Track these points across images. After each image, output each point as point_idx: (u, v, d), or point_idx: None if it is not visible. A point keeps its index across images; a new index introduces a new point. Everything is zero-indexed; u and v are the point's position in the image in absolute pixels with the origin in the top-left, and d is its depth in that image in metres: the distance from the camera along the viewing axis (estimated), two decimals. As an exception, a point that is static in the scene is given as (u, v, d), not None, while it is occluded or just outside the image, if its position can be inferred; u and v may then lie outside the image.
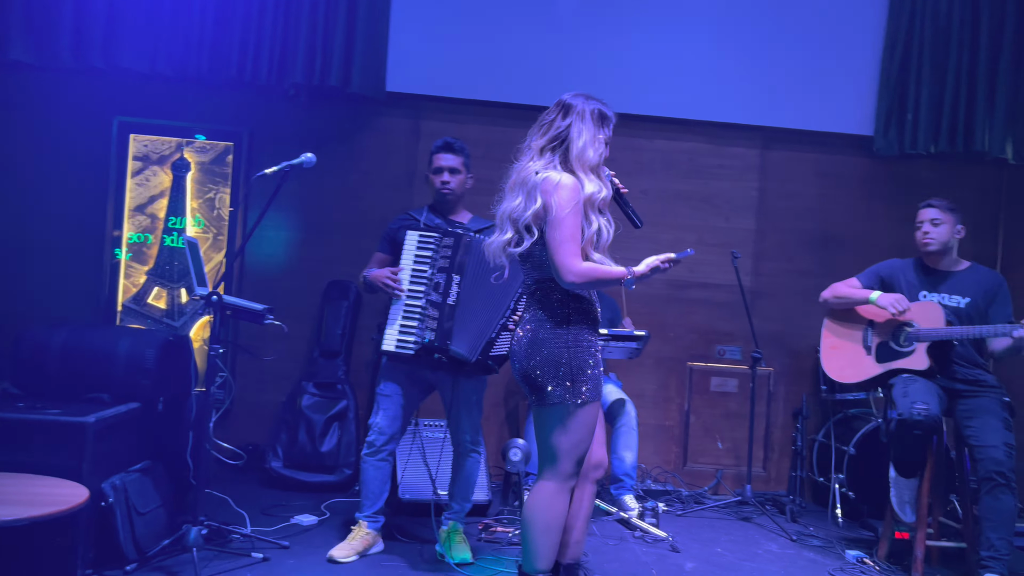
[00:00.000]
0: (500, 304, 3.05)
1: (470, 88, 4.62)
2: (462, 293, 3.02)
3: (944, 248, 3.49)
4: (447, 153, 3.26)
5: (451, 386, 3.18)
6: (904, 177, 4.78)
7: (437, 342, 3.00)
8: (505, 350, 3.09)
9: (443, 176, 3.25)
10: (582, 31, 4.63)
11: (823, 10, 4.72)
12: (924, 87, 4.59)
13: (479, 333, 3.03)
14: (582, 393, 2.38)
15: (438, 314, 3.02)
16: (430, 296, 3.04)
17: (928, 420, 3.16)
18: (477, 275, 3.04)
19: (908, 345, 3.48)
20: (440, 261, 3.06)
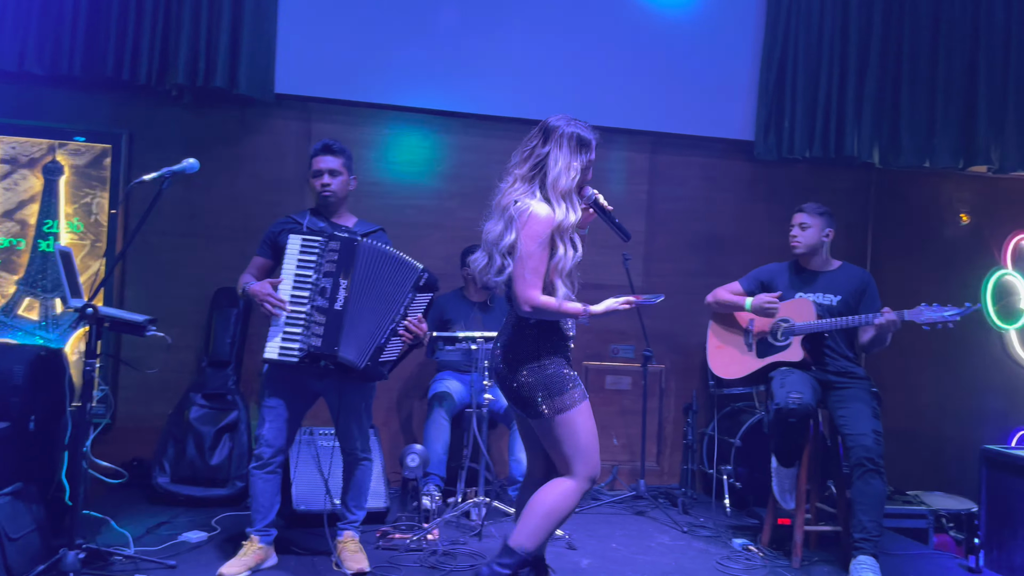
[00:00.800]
0: (390, 309, 3.02)
1: (363, 91, 4.58)
2: (350, 298, 2.97)
3: (811, 250, 3.70)
4: (326, 155, 3.18)
5: (338, 394, 3.11)
6: (783, 180, 5.03)
7: (324, 349, 2.95)
8: (395, 356, 3.07)
9: (323, 179, 3.16)
10: (469, 35, 4.66)
11: (706, 21, 4.92)
12: (799, 96, 4.85)
13: (368, 339, 3.00)
14: (566, 404, 2.48)
15: (324, 320, 2.96)
16: (316, 302, 2.97)
17: (802, 408, 3.34)
18: (366, 280, 3.00)
19: (784, 339, 3.66)
20: (326, 265, 2.99)
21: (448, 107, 4.66)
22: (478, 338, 3.68)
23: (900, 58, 4.89)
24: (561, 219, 2.46)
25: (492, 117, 4.74)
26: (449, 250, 4.62)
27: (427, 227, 4.68)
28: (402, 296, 3.02)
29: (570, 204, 2.50)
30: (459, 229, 4.68)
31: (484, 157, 4.78)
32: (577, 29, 4.78)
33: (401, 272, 3.05)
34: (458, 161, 4.76)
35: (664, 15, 4.87)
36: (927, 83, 4.90)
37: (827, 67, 4.85)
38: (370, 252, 3.02)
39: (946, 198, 5.23)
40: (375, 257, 3.02)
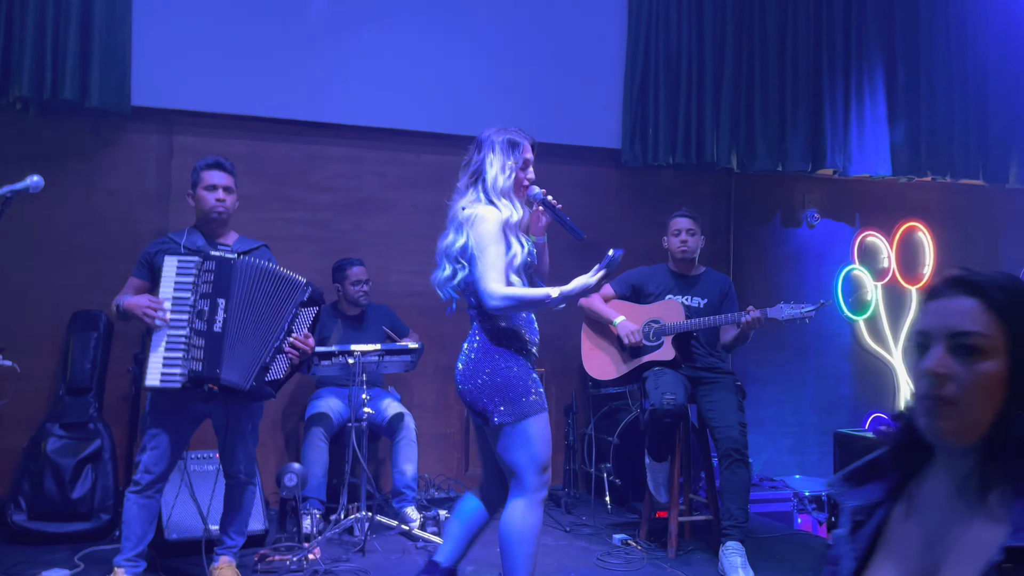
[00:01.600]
0: (273, 327, 2.96)
1: (227, 102, 4.44)
2: (229, 318, 2.89)
3: (695, 256, 3.89)
4: (219, 171, 3.09)
5: (224, 416, 3.02)
6: (650, 186, 5.24)
7: (205, 372, 2.85)
8: (282, 374, 3.00)
9: (218, 194, 3.06)
10: (336, 44, 4.60)
11: (572, 33, 5.06)
12: (662, 105, 5.07)
13: (251, 359, 2.92)
14: (523, 411, 2.47)
15: (204, 342, 2.87)
16: (194, 324, 2.88)
17: (676, 408, 3.50)
18: (245, 298, 2.93)
19: (656, 340, 3.82)
20: (203, 287, 2.90)
21: (317, 118, 4.59)
22: (354, 351, 3.64)
23: (752, 69, 5.19)
24: (507, 216, 2.52)
25: (364, 128, 4.70)
26: (324, 264, 4.54)
27: (299, 240, 4.59)
28: (286, 312, 2.97)
29: (511, 201, 2.58)
30: (333, 241, 4.63)
31: (357, 167, 4.75)
32: (449, 40, 4.81)
33: (284, 288, 3.00)
34: (330, 172, 4.70)
35: (533, 29, 4.98)
36: (777, 92, 5.23)
37: (686, 77, 5.09)
38: (248, 270, 2.95)
39: (798, 199, 5.58)
40: (254, 275, 2.95)
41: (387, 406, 4.10)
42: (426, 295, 4.86)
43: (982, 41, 5.59)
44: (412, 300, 4.80)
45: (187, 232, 3.12)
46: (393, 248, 4.78)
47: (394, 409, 4.09)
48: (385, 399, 4.17)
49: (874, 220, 5.69)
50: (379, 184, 4.77)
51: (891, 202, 5.73)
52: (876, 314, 5.69)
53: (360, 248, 4.63)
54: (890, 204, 5.72)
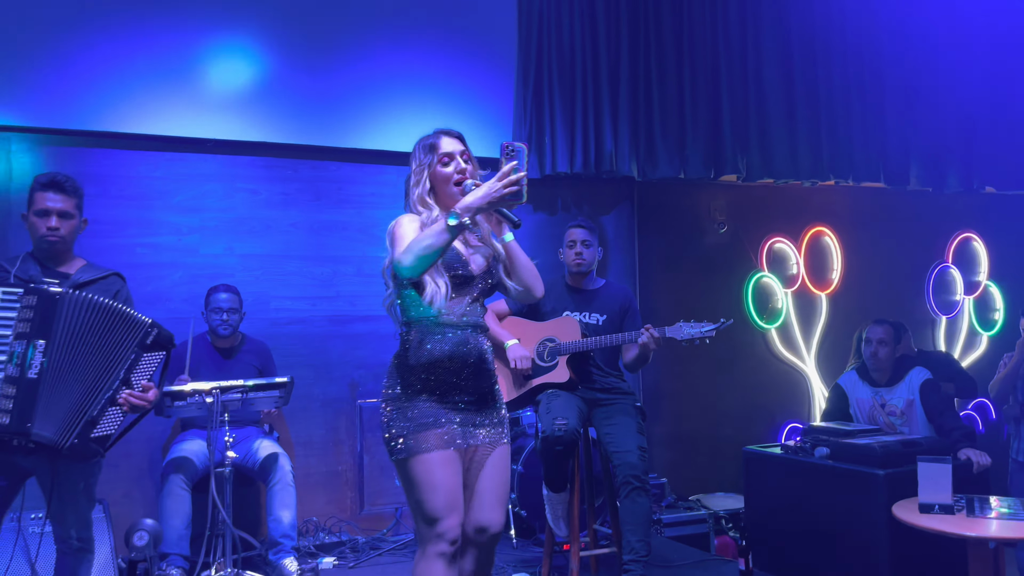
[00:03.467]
0: (105, 373, 2.55)
1: (72, 117, 4.01)
2: (49, 363, 2.48)
3: (591, 268, 3.63)
4: (56, 192, 2.65)
5: (50, 472, 2.60)
6: (548, 197, 5.00)
7: (13, 427, 2.44)
8: (114, 428, 2.59)
9: (50, 220, 2.64)
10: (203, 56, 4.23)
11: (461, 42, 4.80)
12: (557, 113, 4.83)
13: (73, 411, 2.51)
14: (397, 448, 2.20)
15: (15, 391, 2.45)
16: (7, 370, 2.47)
17: (567, 435, 3.22)
18: (72, 339, 2.51)
19: (551, 360, 3.55)
20: (20, 325, 2.49)
21: (179, 132, 4.20)
22: (212, 389, 3.25)
23: (649, 74, 5.01)
24: (424, 220, 2.25)
25: (233, 142, 4.33)
26: (193, 290, 4.16)
27: (165, 267, 4.18)
28: (123, 357, 2.57)
29: (427, 207, 2.28)
30: (203, 267, 4.24)
31: (228, 186, 4.37)
32: (325, 50, 4.49)
33: (121, 328, 2.58)
34: (198, 192, 4.30)
35: (418, 36, 4.70)
36: (676, 98, 5.06)
37: (581, 84, 4.88)
38: (76, 306, 2.53)
39: (704, 207, 5.43)
40: (84, 312, 2.53)
41: (259, 447, 3.72)
42: (309, 322, 4.56)
43: (877, 39, 5.55)
44: (294, 328, 4.44)
45: (22, 259, 2.69)
46: (271, 272, 4.41)
47: (267, 450, 3.70)
48: (258, 440, 3.78)
49: (781, 226, 5.57)
50: (252, 203, 4.39)
51: (797, 207, 5.63)
52: (787, 322, 5.56)
53: (234, 273, 4.25)
54: (796, 209, 5.62)
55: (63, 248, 2.71)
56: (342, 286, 4.58)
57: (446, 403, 2.22)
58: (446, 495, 2.15)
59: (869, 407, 3.97)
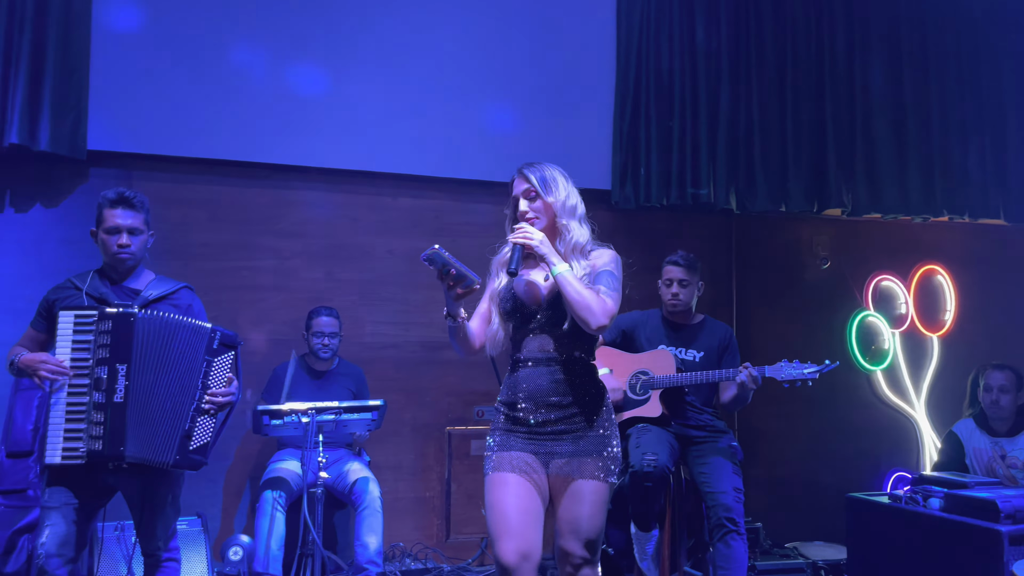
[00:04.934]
0: (188, 386, 2.63)
1: (190, 145, 4.22)
2: (132, 386, 2.56)
3: (689, 307, 3.55)
4: (125, 209, 2.72)
5: (138, 487, 2.67)
6: (643, 229, 4.93)
7: (107, 451, 2.53)
8: (209, 436, 2.67)
9: (121, 237, 2.71)
10: (307, 86, 4.39)
11: (559, 70, 4.82)
12: (653, 143, 4.79)
13: (167, 430, 2.59)
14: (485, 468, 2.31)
15: (103, 417, 2.54)
16: (93, 396, 2.55)
17: (657, 471, 3.13)
18: (149, 359, 2.59)
19: (643, 393, 3.47)
20: (100, 351, 2.56)
21: (285, 160, 4.36)
22: (307, 410, 3.31)
23: (750, 105, 4.91)
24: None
25: (336, 171, 4.47)
26: (293, 314, 4.27)
27: (267, 290, 4.32)
28: (197, 366, 2.64)
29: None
30: (302, 291, 4.36)
31: (329, 213, 4.50)
32: (425, 81, 4.59)
33: (191, 339, 2.65)
34: (300, 218, 4.44)
35: (516, 67, 4.75)
36: (777, 128, 4.93)
37: (679, 115, 4.81)
38: (150, 325, 2.61)
39: (805, 242, 5.24)
40: (157, 330, 2.61)
41: (350, 470, 3.76)
42: (403, 347, 4.61)
43: (998, 65, 5.27)
44: (388, 352, 4.50)
45: (92, 275, 2.77)
46: (367, 297, 4.49)
47: (358, 473, 3.74)
48: (350, 462, 3.83)
49: (888, 263, 5.31)
50: (352, 230, 4.50)
51: (906, 243, 5.36)
52: (895, 364, 5.27)
53: (332, 297, 4.36)
54: (905, 245, 5.35)
55: (134, 264, 2.78)
56: (436, 313, 4.59)
57: (520, 431, 2.27)
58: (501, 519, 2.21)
59: (988, 458, 3.71)
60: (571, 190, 2.40)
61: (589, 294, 2.22)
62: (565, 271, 2.25)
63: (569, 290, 2.23)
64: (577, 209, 2.39)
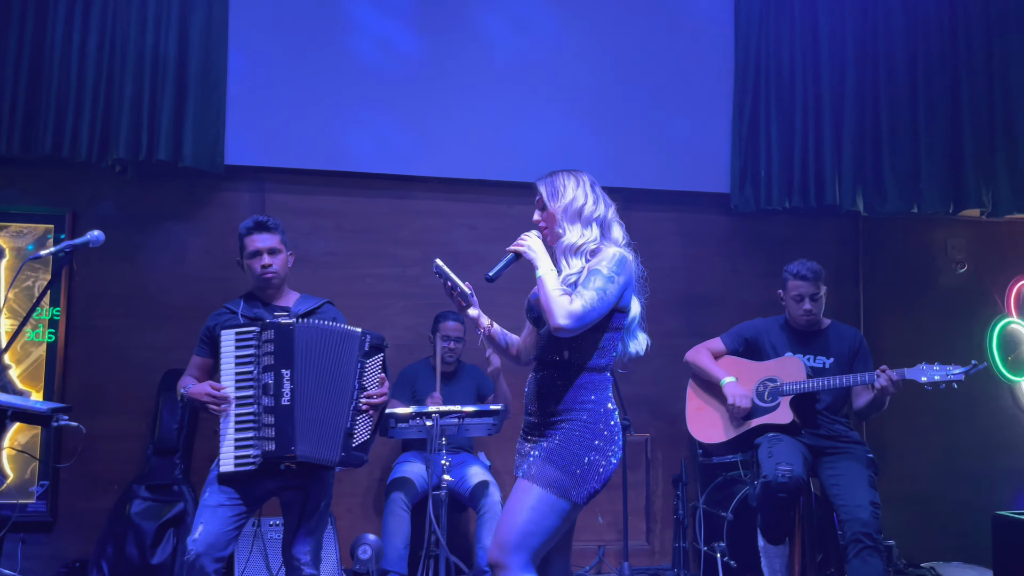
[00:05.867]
0: (345, 388, 2.75)
1: (317, 158, 4.40)
2: (297, 389, 2.69)
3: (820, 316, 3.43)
4: (262, 233, 2.91)
5: (298, 492, 2.79)
6: (763, 233, 4.79)
7: (279, 451, 2.66)
8: (368, 434, 2.79)
9: (263, 259, 2.89)
10: (428, 97, 4.50)
11: (676, 75, 4.75)
12: (774, 144, 4.65)
13: (331, 429, 2.71)
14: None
15: (274, 419, 2.67)
16: (262, 401, 2.70)
17: (792, 482, 3.02)
18: (309, 364, 2.73)
19: (772, 400, 3.36)
20: (264, 359, 2.72)
21: (407, 171, 4.48)
22: (432, 413, 3.38)
23: (878, 103, 4.70)
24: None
25: (455, 180, 4.56)
26: (414, 319, 4.38)
27: (389, 296, 4.45)
28: (352, 368, 2.77)
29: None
30: (424, 297, 4.45)
31: (448, 222, 4.59)
32: (541, 85, 4.62)
33: (344, 344, 2.79)
34: (421, 227, 4.55)
35: (631, 69, 4.72)
36: (908, 127, 4.69)
37: (801, 114, 4.66)
38: (308, 333, 2.75)
39: (940, 244, 4.96)
40: (314, 337, 2.75)
41: (472, 474, 3.81)
42: (520, 353, 4.64)
43: None
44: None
45: (243, 300, 2.97)
46: (484, 304, 4.48)
47: (479, 477, 3.78)
48: (472, 466, 3.88)
49: (1033, 266, 4.97)
50: (470, 237, 4.58)
51: (1053, 245, 5.00)
52: (1041, 374, 4.92)
53: (450, 304, 4.41)
54: (1052, 247, 4.99)
55: (279, 282, 2.95)
56: (551, 319, 4.63)
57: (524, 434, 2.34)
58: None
59: None
60: (580, 193, 2.34)
61: (555, 296, 2.17)
62: (544, 274, 2.24)
63: (540, 293, 2.22)
64: (583, 211, 2.31)
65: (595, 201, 2.35)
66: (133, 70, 4.04)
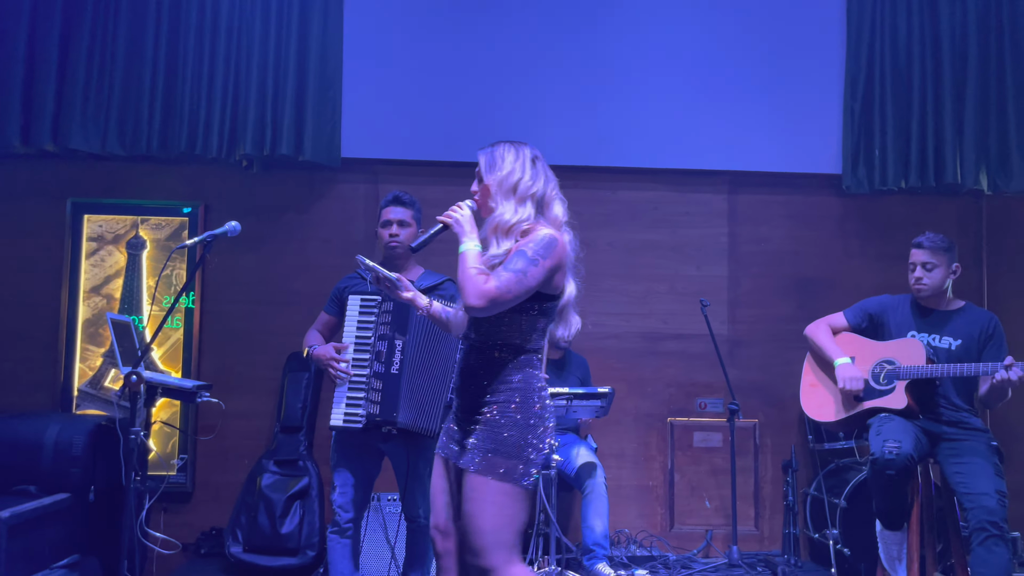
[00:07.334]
0: (449, 363, 2.91)
1: (429, 149, 4.56)
2: (406, 360, 2.88)
3: (937, 292, 3.32)
4: (396, 206, 3.18)
5: (405, 456, 3.01)
6: (877, 214, 4.64)
7: (382, 416, 2.86)
8: None
9: (391, 229, 3.14)
10: (538, 85, 4.58)
11: (782, 50, 4.65)
12: (889, 122, 4.49)
13: (431, 401, 2.88)
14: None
15: (382, 385, 2.88)
16: (374, 366, 2.90)
17: (900, 459, 2.96)
18: (422, 337, 2.91)
19: (887, 383, 3.29)
20: (381, 328, 2.92)
21: (512, 160, 4.57)
22: (541, 395, 3.47)
23: (1002, 73, 4.46)
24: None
25: (560, 167, 4.58)
26: (521, 305, 4.47)
27: (499, 283, 4.56)
28: (456, 345, 2.90)
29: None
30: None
31: (556, 208, 4.66)
32: (644, 69, 4.62)
33: None
34: (526, 214, 4.64)
35: (738, 47, 4.65)
36: (1039, 98, 4.45)
37: (919, 89, 4.48)
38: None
39: (1076, 224, 4.68)
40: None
41: (577, 455, 3.89)
42: (624, 337, 4.68)
43: None
44: (610, 343, 4.59)
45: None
46: (589, 289, 4.52)
47: (584, 458, 3.86)
48: (577, 447, 3.96)
49: None
50: (573, 225, 4.62)
51: None
52: None
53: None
54: None
55: (402, 253, 3.15)
56: (655, 304, 4.65)
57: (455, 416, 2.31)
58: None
59: None
60: (518, 167, 2.25)
61: (471, 274, 2.12)
62: (466, 249, 2.18)
63: (459, 269, 2.17)
64: (519, 187, 2.23)
65: (533, 177, 2.27)
66: (258, 72, 4.29)
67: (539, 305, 2.22)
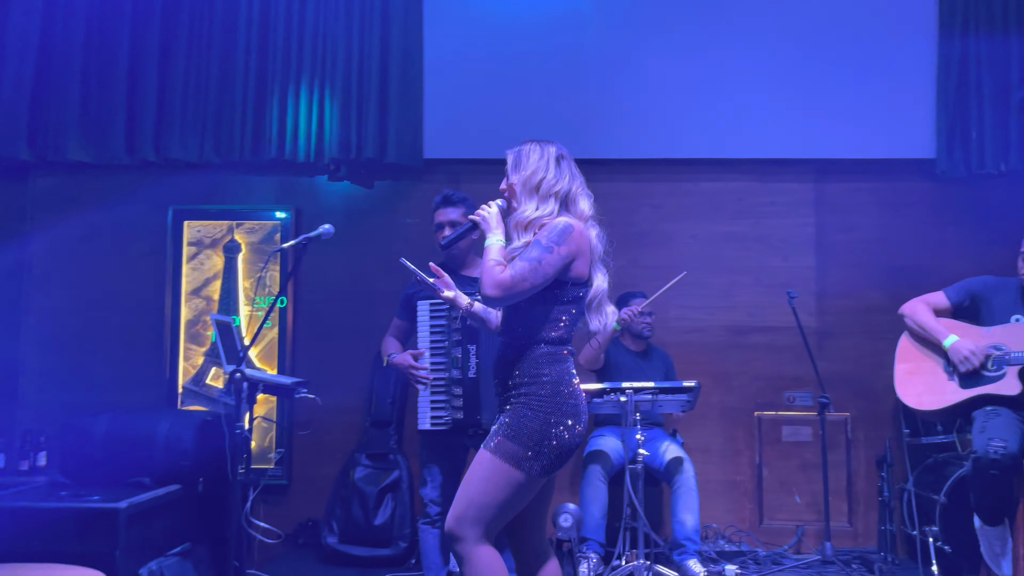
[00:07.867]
0: None
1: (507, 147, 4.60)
2: (481, 363, 2.93)
3: None
4: (446, 207, 3.19)
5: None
6: (974, 200, 4.46)
7: (467, 420, 2.93)
8: None
9: (444, 231, 3.17)
10: (617, 78, 4.57)
11: (869, 35, 4.51)
12: (987, 102, 4.31)
13: None
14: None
15: (461, 391, 2.94)
16: (451, 372, 2.97)
17: (1005, 459, 2.85)
18: (492, 340, 2.95)
19: (996, 369, 3.16)
20: (454, 334, 2.98)
21: (592, 155, 4.55)
22: (626, 389, 3.48)
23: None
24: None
25: (637, 160, 4.61)
26: (602, 300, 4.48)
27: (577, 278, 4.58)
28: None
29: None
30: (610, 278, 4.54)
31: (633, 202, 4.66)
32: (728, 57, 4.55)
33: None
34: (605, 208, 4.52)
35: (822, 33, 4.53)
36: None
37: (1018, 64, 4.28)
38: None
39: None
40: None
41: (665, 449, 3.88)
42: (708, 331, 4.64)
43: None
44: (694, 336, 4.56)
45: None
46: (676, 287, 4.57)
47: (672, 453, 3.85)
48: (664, 442, 3.95)
49: None
50: (655, 217, 4.62)
51: None
52: None
53: (638, 283, 4.48)
54: None
55: (457, 254, 3.17)
56: (739, 296, 4.59)
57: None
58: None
59: None
60: (541, 165, 2.31)
61: (490, 266, 2.17)
62: (489, 244, 2.25)
63: (481, 263, 2.23)
64: (541, 185, 2.28)
65: (557, 175, 2.31)
66: (342, 78, 4.43)
67: (563, 295, 2.25)
